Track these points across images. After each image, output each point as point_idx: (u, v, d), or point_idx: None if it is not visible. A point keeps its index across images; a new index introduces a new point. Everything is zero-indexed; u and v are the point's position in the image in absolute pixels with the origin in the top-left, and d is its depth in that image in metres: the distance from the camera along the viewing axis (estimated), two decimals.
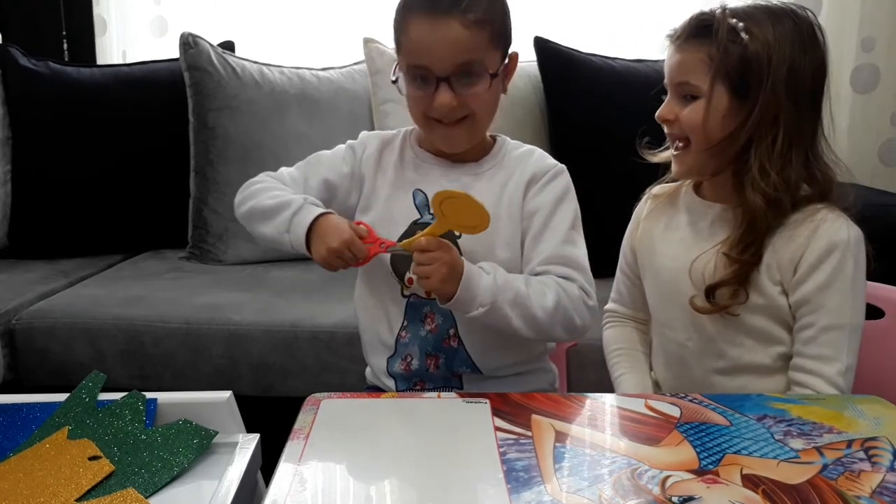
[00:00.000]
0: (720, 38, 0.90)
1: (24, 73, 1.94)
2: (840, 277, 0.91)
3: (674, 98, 0.96)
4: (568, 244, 0.95)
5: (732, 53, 0.90)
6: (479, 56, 0.90)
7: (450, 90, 0.90)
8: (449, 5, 0.88)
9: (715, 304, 0.94)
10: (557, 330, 0.93)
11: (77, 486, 0.66)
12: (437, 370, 0.99)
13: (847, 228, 0.92)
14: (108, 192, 1.93)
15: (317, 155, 1.05)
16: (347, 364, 1.43)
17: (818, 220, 0.92)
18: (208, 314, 1.50)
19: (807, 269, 0.92)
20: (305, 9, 2.29)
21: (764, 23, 0.91)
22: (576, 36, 2.07)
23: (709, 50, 0.91)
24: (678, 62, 0.94)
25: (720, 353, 0.98)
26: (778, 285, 0.94)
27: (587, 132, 1.81)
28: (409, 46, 0.92)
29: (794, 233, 0.93)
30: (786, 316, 0.95)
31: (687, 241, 1.01)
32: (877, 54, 2.09)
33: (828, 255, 0.91)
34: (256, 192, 0.99)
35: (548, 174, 0.98)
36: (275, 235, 0.94)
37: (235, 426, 0.78)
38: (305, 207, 0.93)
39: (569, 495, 0.61)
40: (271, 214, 0.95)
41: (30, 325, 1.51)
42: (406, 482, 0.65)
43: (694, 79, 0.92)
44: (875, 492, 0.63)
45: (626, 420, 0.76)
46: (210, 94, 1.85)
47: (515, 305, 0.89)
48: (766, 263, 0.93)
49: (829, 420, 0.76)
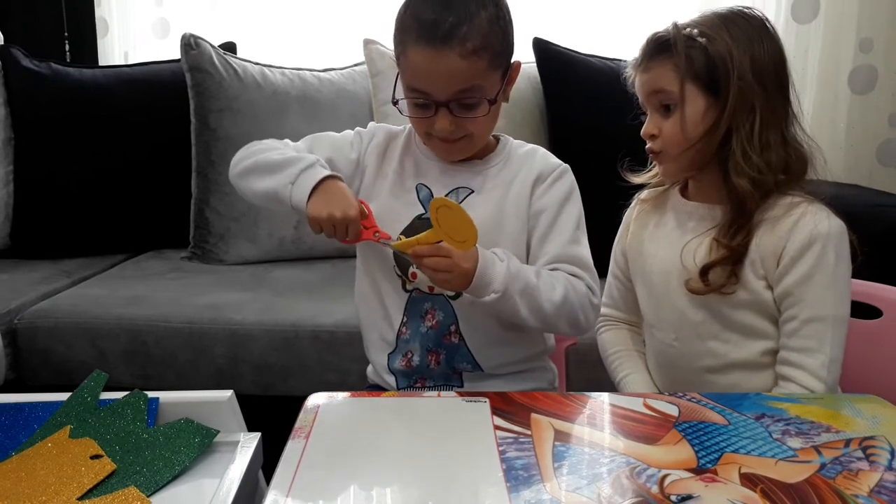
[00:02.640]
0: (679, 48, 0.94)
1: (26, 73, 1.94)
2: (821, 270, 0.92)
3: (654, 113, 0.99)
4: (574, 244, 0.96)
5: (696, 57, 0.94)
6: (477, 82, 0.90)
7: (449, 114, 0.91)
8: (447, 36, 0.87)
9: (709, 285, 0.95)
10: (562, 324, 0.93)
11: (79, 485, 0.66)
12: (438, 367, 0.99)
13: (828, 220, 0.92)
14: (110, 193, 1.93)
15: (325, 133, 1.04)
16: (348, 363, 1.43)
17: (798, 213, 0.93)
18: (210, 314, 1.50)
19: (788, 262, 0.93)
20: (306, 10, 2.30)
21: (717, 25, 0.95)
22: (575, 36, 2.08)
23: (673, 61, 0.94)
24: (647, 79, 0.98)
25: (708, 351, 0.99)
26: (762, 279, 0.95)
27: (586, 133, 1.81)
28: (409, 70, 0.91)
29: (776, 226, 0.94)
30: (771, 310, 0.96)
31: (674, 241, 1.01)
32: (875, 55, 2.10)
33: (809, 247, 0.92)
34: (263, 149, 0.98)
35: (554, 173, 0.99)
36: (276, 187, 0.92)
37: (237, 425, 0.78)
38: (317, 167, 0.92)
39: (568, 494, 0.62)
40: (278, 168, 0.93)
41: (32, 324, 1.52)
42: (406, 481, 0.65)
43: (667, 86, 0.95)
44: (873, 491, 0.63)
45: (625, 419, 0.76)
46: (211, 96, 1.86)
47: (525, 295, 0.90)
48: (751, 258, 0.94)
49: (827, 419, 0.76)
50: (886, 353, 1.08)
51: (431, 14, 0.88)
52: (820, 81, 2.14)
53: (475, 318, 0.97)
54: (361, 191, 1.02)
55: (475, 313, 0.97)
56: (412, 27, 0.89)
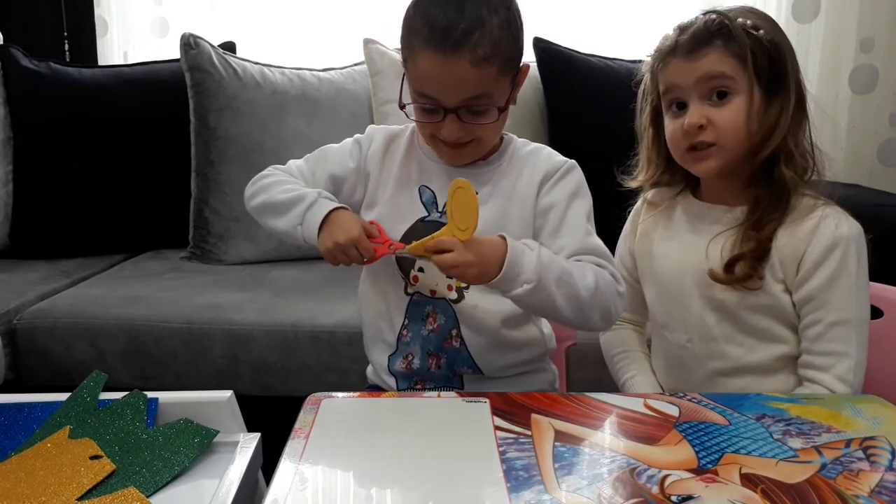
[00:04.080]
0: (739, 35, 0.90)
1: (26, 73, 1.94)
2: (845, 273, 0.91)
3: (699, 103, 0.93)
4: (590, 236, 0.95)
5: (758, 49, 0.90)
6: (487, 90, 0.89)
7: (457, 120, 0.90)
8: (458, 42, 0.85)
9: (734, 277, 0.93)
10: (595, 314, 0.90)
11: (78, 486, 0.66)
12: (439, 370, 0.99)
13: (847, 224, 0.92)
14: (109, 193, 1.93)
15: (324, 148, 1.05)
16: (348, 364, 1.43)
17: (818, 216, 0.92)
18: (209, 314, 1.50)
19: (811, 266, 0.92)
20: (306, 10, 2.30)
21: (759, 16, 0.93)
22: (576, 36, 2.08)
23: (731, 48, 0.90)
24: (699, 64, 0.92)
25: (721, 354, 0.99)
26: (780, 283, 0.94)
27: (587, 133, 1.81)
28: (417, 75, 0.90)
29: (796, 230, 0.93)
30: (788, 315, 0.95)
31: (687, 242, 1.01)
32: (875, 55, 2.10)
33: (831, 251, 0.91)
34: (268, 185, 0.99)
35: (560, 171, 0.97)
36: (288, 229, 0.95)
37: (236, 425, 0.78)
38: (320, 201, 0.93)
39: (568, 494, 0.61)
40: (285, 209, 0.95)
41: (31, 324, 1.52)
42: (406, 482, 0.65)
43: (728, 71, 0.91)
44: (874, 491, 0.63)
45: (626, 419, 0.76)
46: (211, 95, 1.85)
47: (561, 283, 0.86)
48: (770, 261, 0.93)
49: (827, 419, 0.76)
50: (887, 354, 1.08)
51: (442, 18, 0.86)
52: (820, 81, 2.14)
53: (477, 323, 0.97)
54: (366, 197, 1.02)
55: (477, 318, 0.96)
56: (421, 31, 0.87)
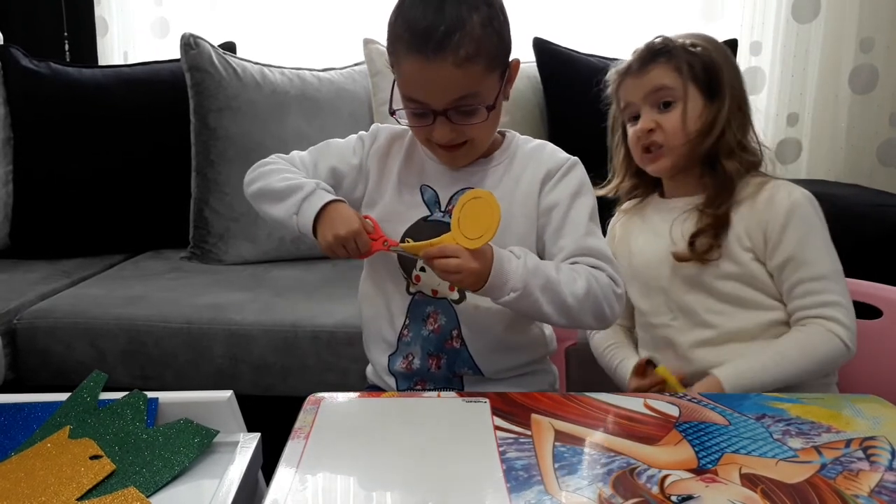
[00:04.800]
0: (679, 53, 1.06)
1: (26, 73, 1.94)
2: (812, 231, 1.00)
3: (650, 111, 1.07)
4: (590, 236, 0.94)
5: (694, 63, 1.06)
6: (474, 89, 0.88)
7: (447, 122, 0.90)
8: (439, 45, 0.84)
9: (695, 252, 1.03)
10: (587, 317, 0.91)
11: (78, 485, 0.66)
12: (439, 370, 0.99)
13: (799, 190, 1.02)
14: (109, 193, 1.93)
15: (329, 142, 1.05)
16: (348, 364, 1.43)
17: (770, 187, 1.03)
18: (209, 314, 1.50)
19: (778, 231, 1.00)
20: (306, 10, 2.30)
21: (701, 38, 1.09)
22: (575, 36, 2.08)
23: (673, 64, 1.06)
24: (647, 79, 1.07)
25: (704, 324, 1.04)
26: (749, 252, 1.02)
27: (586, 133, 1.80)
28: (404, 79, 0.90)
29: (754, 202, 1.03)
30: (760, 283, 1.02)
31: (656, 232, 1.09)
32: (875, 55, 2.10)
33: (792, 214, 1.00)
34: (268, 172, 1.00)
35: (562, 168, 0.97)
36: (283, 217, 0.95)
37: (236, 425, 0.78)
38: (317, 192, 0.94)
39: (568, 494, 0.62)
40: (282, 196, 0.95)
41: (31, 324, 1.52)
42: (406, 482, 0.65)
43: (670, 84, 1.05)
44: (873, 491, 0.63)
45: (625, 419, 0.76)
46: (211, 95, 1.85)
47: (546, 290, 0.87)
48: (736, 233, 1.02)
49: (827, 419, 0.76)
50: (887, 353, 1.08)
51: (423, 21, 0.86)
52: (820, 81, 2.14)
53: (478, 324, 0.97)
54: (367, 195, 1.02)
55: (478, 319, 0.96)
56: (403, 36, 0.87)
